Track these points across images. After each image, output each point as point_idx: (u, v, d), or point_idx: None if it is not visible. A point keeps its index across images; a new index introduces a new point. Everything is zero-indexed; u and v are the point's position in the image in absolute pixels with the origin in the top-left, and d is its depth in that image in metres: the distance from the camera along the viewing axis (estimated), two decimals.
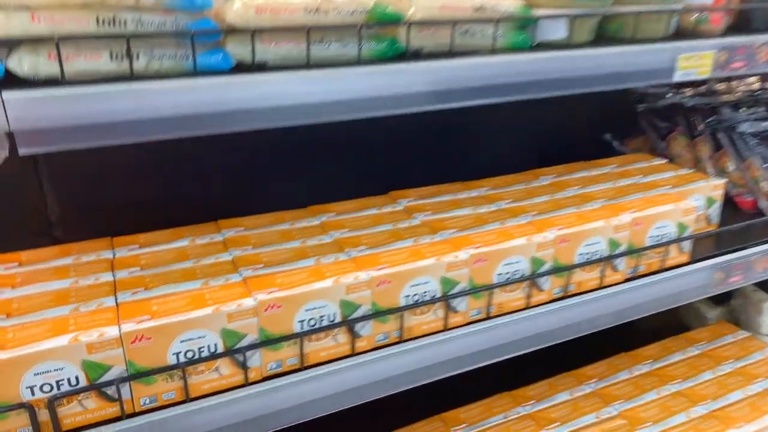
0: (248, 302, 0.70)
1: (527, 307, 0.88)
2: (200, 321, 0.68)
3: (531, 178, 1.10)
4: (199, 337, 0.68)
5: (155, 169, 1.04)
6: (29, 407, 0.62)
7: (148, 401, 0.69)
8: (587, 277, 0.92)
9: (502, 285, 0.85)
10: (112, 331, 0.64)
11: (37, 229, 1.01)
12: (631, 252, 0.94)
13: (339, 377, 0.76)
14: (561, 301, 0.90)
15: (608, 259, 0.92)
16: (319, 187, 1.06)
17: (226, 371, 0.71)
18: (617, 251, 0.93)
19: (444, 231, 0.89)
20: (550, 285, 0.89)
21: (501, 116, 1.24)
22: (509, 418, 1.06)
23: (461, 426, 1.04)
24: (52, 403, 0.63)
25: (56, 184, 0.99)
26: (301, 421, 0.76)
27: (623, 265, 0.95)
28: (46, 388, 0.63)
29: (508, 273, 0.85)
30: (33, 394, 0.63)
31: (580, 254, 0.91)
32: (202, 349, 0.69)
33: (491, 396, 1.11)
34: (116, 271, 0.78)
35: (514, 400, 1.10)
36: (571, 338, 0.92)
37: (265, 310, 0.71)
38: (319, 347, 0.76)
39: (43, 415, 0.64)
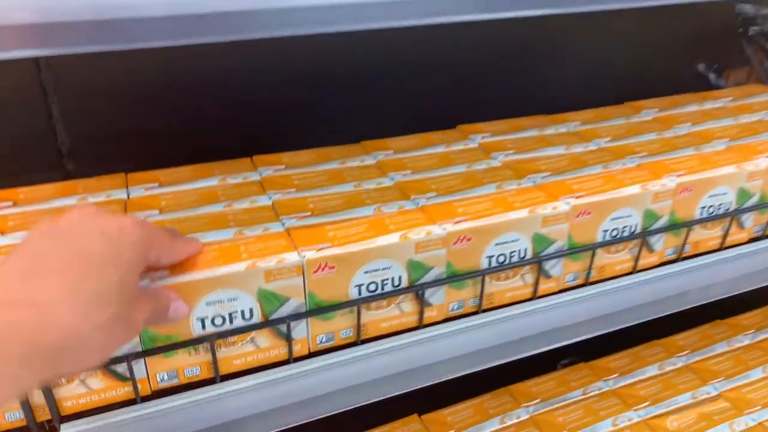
0: (292, 258, 0.54)
1: (634, 272, 0.71)
2: (231, 280, 0.53)
3: (630, 112, 0.90)
4: (230, 300, 0.54)
5: (175, 96, 0.88)
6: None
7: (166, 377, 0.55)
8: (706, 235, 0.75)
9: (605, 244, 0.68)
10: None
11: (47, 162, 0.88)
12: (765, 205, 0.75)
13: (404, 354, 0.61)
14: (673, 265, 0.73)
15: (736, 214, 0.74)
16: (370, 123, 0.90)
17: (264, 343, 0.57)
18: (746, 204, 0.75)
19: (533, 175, 0.71)
20: (663, 245, 0.72)
21: (576, 43, 1.04)
22: (589, 394, 0.91)
23: (533, 402, 0.89)
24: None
25: (67, 113, 0.84)
26: (348, 408, 0.62)
27: (750, 221, 0.77)
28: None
29: (614, 230, 0.68)
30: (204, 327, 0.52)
31: (702, 207, 0.72)
32: (234, 315, 0.54)
33: (565, 368, 0.96)
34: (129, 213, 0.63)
35: (593, 373, 0.95)
36: (679, 310, 0.76)
37: (315, 271, 0.55)
38: (378, 317, 0.60)
39: (38, 397, 0.50)
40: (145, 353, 0.52)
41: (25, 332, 0.34)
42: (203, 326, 0.53)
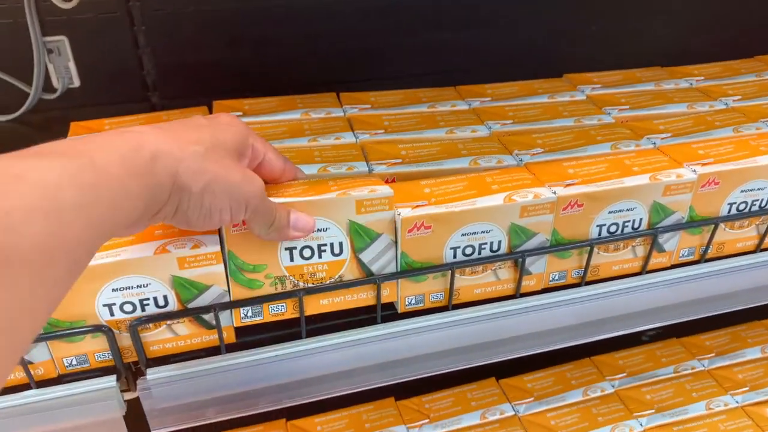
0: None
1: (758, 251, 0.64)
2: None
3: (762, 67, 0.80)
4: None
5: (260, 28, 0.84)
6: (107, 330, 0.48)
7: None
8: None
9: (730, 219, 0.60)
10: (210, 243, 0.48)
11: (132, 94, 0.86)
12: None
13: (500, 323, 0.57)
14: None
15: None
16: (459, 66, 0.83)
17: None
18: None
19: (653, 135, 0.64)
20: None
21: None
22: (681, 373, 0.85)
23: (619, 375, 0.84)
24: (134, 328, 0.48)
25: (153, 42, 0.82)
26: (438, 372, 0.59)
27: None
28: (128, 307, 0.48)
29: (742, 203, 0.60)
30: (112, 313, 0.48)
31: None
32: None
33: (653, 342, 0.90)
34: None
35: (686, 351, 0.88)
36: None
37: (410, 231, 0.51)
38: (473, 283, 0.56)
39: (125, 340, 0.49)
40: (232, 305, 0.50)
41: (121, 147, 0.34)
42: (291, 257, 0.50)
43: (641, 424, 0.77)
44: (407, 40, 0.89)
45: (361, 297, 0.54)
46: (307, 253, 0.50)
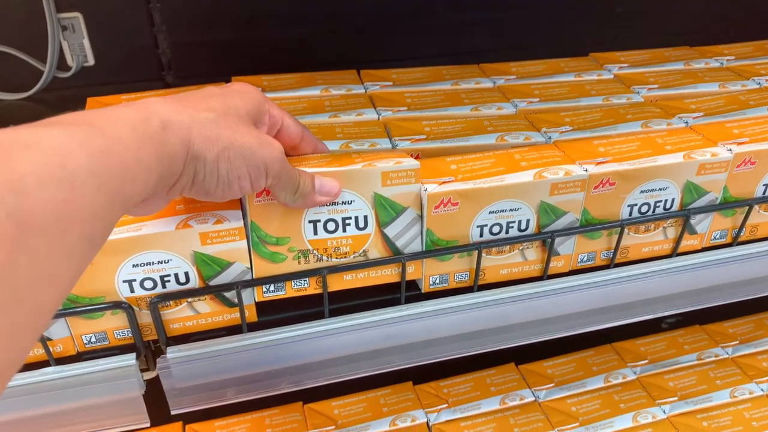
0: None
1: None
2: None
3: None
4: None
5: (276, 8, 0.82)
6: (127, 307, 0.46)
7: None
8: None
9: (766, 201, 0.58)
10: (234, 218, 0.46)
11: (147, 73, 0.85)
12: None
13: (526, 305, 0.56)
14: None
15: None
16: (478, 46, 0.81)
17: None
18: None
19: (684, 114, 0.62)
20: None
21: None
22: (704, 360, 0.83)
23: (641, 362, 0.83)
24: (155, 305, 0.47)
25: (169, 21, 0.80)
26: (461, 355, 0.58)
27: None
28: (148, 284, 0.47)
29: None
30: (132, 290, 0.47)
31: None
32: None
33: (675, 329, 0.89)
34: None
35: (709, 338, 0.87)
36: None
37: (436, 207, 0.50)
38: (499, 263, 0.55)
39: (144, 317, 0.48)
40: (255, 282, 0.48)
41: (131, 118, 0.33)
42: (315, 231, 0.49)
43: (664, 411, 0.75)
44: (426, 21, 0.88)
45: (386, 273, 0.52)
46: (331, 226, 0.49)
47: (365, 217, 0.49)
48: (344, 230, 0.49)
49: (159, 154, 0.34)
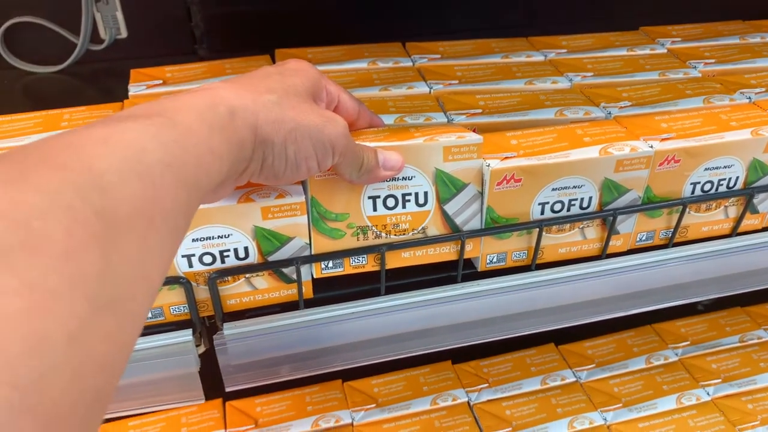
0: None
1: None
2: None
3: None
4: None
5: None
6: (185, 282, 0.46)
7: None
8: None
9: None
10: (296, 192, 0.45)
11: (180, 46, 0.83)
12: None
13: (585, 285, 0.54)
14: None
15: None
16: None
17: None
18: None
19: (747, 90, 0.60)
20: None
21: None
22: (746, 342, 0.82)
23: (682, 343, 0.82)
24: (213, 280, 0.46)
25: None
26: (524, 333, 0.57)
27: None
28: (207, 259, 0.46)
29: None
30: (191, 265, 0.46)
31: None
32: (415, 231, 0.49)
33: (718, 311, 0.87)
34: None
35: (752, 320, 0.86)
36: None
37: (499, 184, 0.48)
38: (558, 242, 0.53)
39: (202, 293, 0.47)
40: (312, 258, 0.47)
41: (198, 105, 0.32)
42: (374, 207, 0.48)
43: (708, 394, 0.75)
44: None
45: (444, 251, 0.51)
46: (390, 202, 0.47)
47: (425, 194, 0.48)
48: (404, 206, 0.48)
49: (229, 141, 0.33)
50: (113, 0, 0.78)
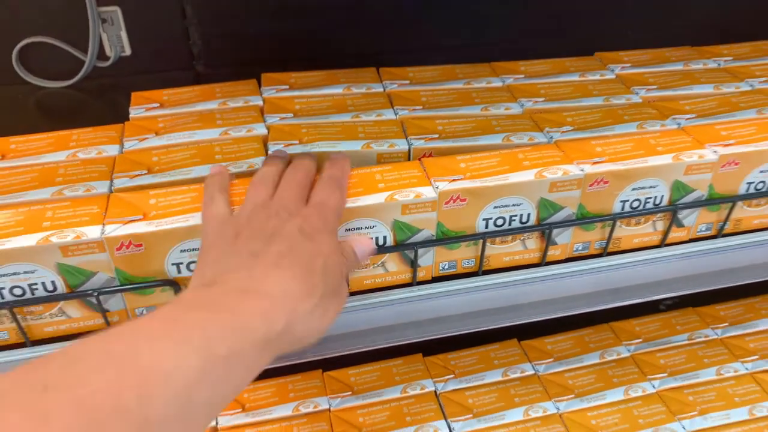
0: (428, 193, 0.55)
1: None
2: (370, 210, 0.54)
3: None
4: (367, 228, 0.55)
5: (301, 2, 0.87)
6: (173, 283, 0.54)
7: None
8: None
9: (747, 198, 0.64)
10: None
11: (179, 62, 0.91)
12: None
13: (525, 288, 0.62)
14: None
15: None
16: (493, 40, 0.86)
17: (392, 268, 0.59)
18: None
19: (678, 116, 0.67)
20: None
21: None
22: (695, 340, 0.89)
23: (635, 341, 0.89)
24: None
25: (200, 14, 0.86)
26: (468, 332, 0.64)
27: None
28: (194, 266, 0.54)
29: (760, 182, 0.64)
30: (180, 271, 0.54)
31: None
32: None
33: (670, 311, 0.95)
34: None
35: (701, 320, 0.93)
36: None
37: (447, 203, 0.56)
38: (502, 251, 0.61)
39: None
40: None
41: (259, 319, 0.38)
42: None
43: (654, 386, 0.82)
44: (444, 12, 0.92)
45: (401, 278, 0.59)
46: None
47: (384, 237, 0.55)
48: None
49: (273, 354, 0.40)
50: (118, 20, 0.85)
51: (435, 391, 0.81)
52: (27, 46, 0.83)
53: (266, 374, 0.83)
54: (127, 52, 0.88)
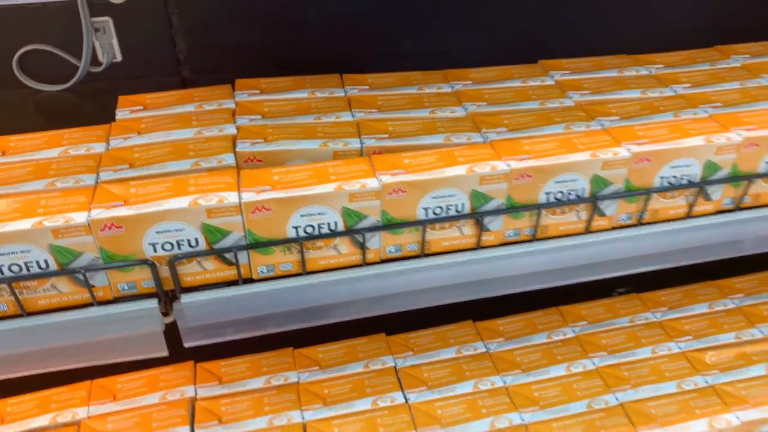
0: (372, 184, 0.63)
1: (688, 217, 0.76)
2: (321, 198, 0.62)
3: (718, 57, 0.90)
4: (319, 213, 0.64)
5: (278, 14, 0.96)
6: (151, 263, 0.62)
7: (265, 270, 0.67)
8: (764, 189, 0.77)
9: (664, 190, 0.72)
10: (231, 198, 0.61)
11: (166, 69, 0.99)
12: None
13: (461, 269, 0.70)
14: (730, 214, 0.76)
15: None
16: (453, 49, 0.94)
17: (344, 250, 0.67)
18: None
19: (603, 118, 0.75)
20: (721, 194, 0.75)
21: None
22: (635, 323, 0.98)
23: (581, 323, 0.98)
24: (172, 262, 0.62)
25: (186, 24, 0.95)
26: (414, 308, 0.73)
27: None
28: (167, 246, 0.62)
29: (672, 177, 0.72)
30: (155, 251, 0.62)
31: (766, 162, 0.74)
32: (321, 226, 0.65)
33: (616, 297, 1.03)
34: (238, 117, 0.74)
35: (642, 304, 1.01)
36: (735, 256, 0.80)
37: (389, 193, 0.64)
38: (441, 237, 0.69)
39: (164, 272, 0.64)
40: (248, 247, 0.64)
41: None
42: (297, 233, 0.64)
43: (594, 363, 0.90)
44: (413, 23, 1.01)
45: (351, 260, 0.67)
46: (309, 230, 0.64)
47: (335, 222, 0.64)
48: (319, 231, 0.64)
49: None
50: (110, 30, 0.94)
51: (395, 367, 0.90)
52: (26, 53, 0.92)
53: (241, 351, 0.92)
54: (118, 58, 0.96)
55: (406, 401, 0.84)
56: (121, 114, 0.75)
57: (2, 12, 0.89)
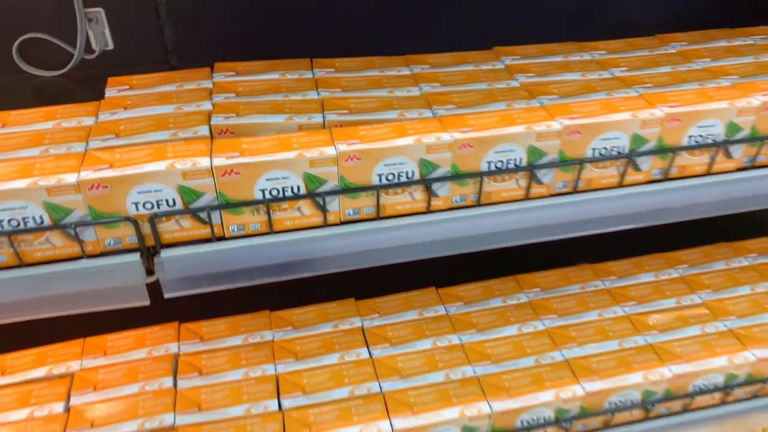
0: (330, 151, 0.72)
1: (619, 186, 0.84)
2: (283, 163, 0.71)
3: (657, 44, 0.98)
4: (283, 178, 0.72)
5: (260, 4, 1.04)
6: (133, 220, 0.70)
7: (236, 229, 0.75)
8: (693, 161, 0.85)
9: (594, 160, 0.80)
10: (204, 162, 0.69)
11: (155, 56, 1.07)
12: (752, 139, 0.84)
13: (413, 231, 0.79)
14: (658, 184, 0.85)
15: (722, 145, 0.84)
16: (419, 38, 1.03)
17: (307, 212, 0.75)
18: (736, 137, 0.84)
19: (542, 96, 0.84)
20: (650, 165, 0.84)
21: None
22: (585, 290, 1.06)
23: (534, 289, 1.06)
24: (152, 219, 0.71)
25: (173, 14, 1.03)
26: (370, 266, 0.81)
27: (740, 152, 0.86)
28: (148, 205, 0.71)
29: (603, 148, 0.80)
30: (137, 209, 0.70)
31: (690, 136, 0.83)
32: (286, 189, 0.73)
33: (571, 266, 1.11)
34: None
35: (594, 273, 1.09)
36: (664, 223, 0.88)
37: (345, 160, 0.73)
38: (395, 201, 0.78)
39: (146, 229, 0.72)
40: (219, 207, 0.72)
41: None
42: (263, 195, 0.72)
43: (544, 324, 0.99)
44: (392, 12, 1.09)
45: (315, 220, 0.76)
46: (274, 192, 0.72)
47: (298, 186, 0.72)
48: (284, 194, 0.72)
49: None
50: (102, 20, 1.02)
51: (362, 327, 0.98)
52: (25, 41, 1.00)
53: (219, 314, 1.00)
54: (110, 46, 1.05)
55: (371, 356, 0.93)
56: (109, 92, 0.84)
57: (4, 2, 0.97)
